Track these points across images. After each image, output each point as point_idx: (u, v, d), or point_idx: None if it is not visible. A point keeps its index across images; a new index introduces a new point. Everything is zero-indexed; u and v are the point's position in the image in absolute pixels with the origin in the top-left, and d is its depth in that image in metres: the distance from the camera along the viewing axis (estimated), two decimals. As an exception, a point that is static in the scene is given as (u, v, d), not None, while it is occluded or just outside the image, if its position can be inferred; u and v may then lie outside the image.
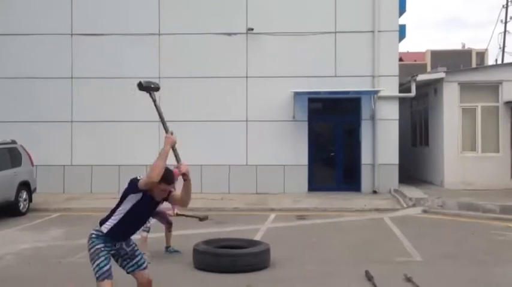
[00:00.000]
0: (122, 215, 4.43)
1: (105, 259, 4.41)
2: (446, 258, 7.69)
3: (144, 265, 4.62)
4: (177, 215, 7.87)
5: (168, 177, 4.38)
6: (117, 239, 4.49)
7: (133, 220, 4.48)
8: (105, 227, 4.45)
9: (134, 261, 4.58)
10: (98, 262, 4.40)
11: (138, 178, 4.43)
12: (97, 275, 4.39)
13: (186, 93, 14.94)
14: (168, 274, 6.67)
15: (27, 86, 15.20)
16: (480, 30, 70.02)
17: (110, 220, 4.46)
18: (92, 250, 4.45)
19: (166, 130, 4.66)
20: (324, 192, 14.49)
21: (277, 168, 14.85)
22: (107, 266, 4.39)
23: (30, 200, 12.29)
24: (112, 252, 4.51)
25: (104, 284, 4.37)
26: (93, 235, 4.48)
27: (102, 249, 4.44)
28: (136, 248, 4.66)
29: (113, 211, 4.50)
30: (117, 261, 4.58)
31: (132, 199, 4.41)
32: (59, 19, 15.26)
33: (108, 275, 4.38)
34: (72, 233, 9.50)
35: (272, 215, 11.60)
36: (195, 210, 12.14)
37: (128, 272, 4.63)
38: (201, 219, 8.18)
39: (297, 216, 11.58)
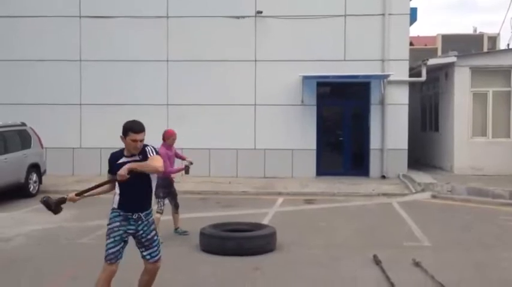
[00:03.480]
0: (119, 186, 4.51)
1: (114, 241, 4.45)
2: (454, 243, 7.68)
3: (157, 258, 4.64)
4: (191, 164, 7.79)
5: (133, 126, 4.45)
6: (130, 210, 4.49)
7: (131, 189, 4.45)
8: (114, 202, 4.55)
9: (149, 251, 4.61)
10: (107, 242, 4.48)
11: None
12: (105, 255, 4.47)
13: (194, 77, 14.90)
14: (175, 256, 6.71)
15: (36, 69, 15.22)
16: (492, 14, 69.01)
17: (115, 196, 4.57)
18: (108, 227, 4.54)
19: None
20: (332, 177, 14.47)
21: (285, 152, 14.83)
22: (114, 249, 4.43)
23: (40, 182, 12.39)
24: (130, 231, 4.52)
25: (106, 266, 4.45)
26: (111, 211, 4.58)
27: (116, 229, 4.48)
28: (155, 238, 4.65)
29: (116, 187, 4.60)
30: (136, 242, 4.61)
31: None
32: (67, 1, 15.21)
33: (112, 258, 4.42)
34: (82, 215, 9.58)
35: (280, 199, 11.62)
36: (202, 193, 12.25)
37: (143, 258, 4.67)
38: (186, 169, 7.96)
39: (305, 200, 11.59)
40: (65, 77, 15.22)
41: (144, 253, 4.62)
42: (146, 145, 4.56)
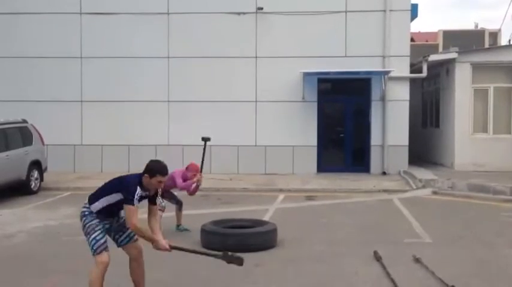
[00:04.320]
0: (110, 203, 4.60)
1: (101, 232, 4.61)
2: (455, 239, 7.69)
3: (136, 237, 4.77)
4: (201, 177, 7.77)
5: (163, 170, 4.57)
6: (107, 217, 4.68)
7: (121, 207, 4.62)
8: (95, 207, 4.63)
9: (126, 234, 4.74)
10: (94, 235, 4.59)
11: (136, 193, 4.47)
12: (94, 248, 4.57)
13: (195, 73, 14.89)
14: (175, 253, 6.71)
15: (37, 66, 15.22)
16: (493, 10, 68.80)
17: (99, 201, 4.63)
18: (87, 225, 4.63)
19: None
20: (333, 173, 14.48)
21: (286, 149, 14.84)
22: (103, 239, 4.60)
23: (42, 179, 12.41)
24: (106, 226, 4.67)
25: (102, 256, 4.55)
26: (86, 212, 4.67)
27: (97, 223, 4.63)
28: (123, 223, 4.75)
29: (103, 193, 4.63)
30: (110, 235, 4.73)
31: (117, 198, 4.57)
32: (68, -2, 15.21)
33: (105, 247, 4.59)
34: (82, 212, 9.60)
35: (281, 196, 11.63)
36: (203, 190, 12.22)
37: (119, 246, 4.78)
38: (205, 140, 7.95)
39: (306, 197, 11.60)
40: (66, 74, 15.22)
41: (122, 238, 4.75)
42: None
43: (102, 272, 4.53)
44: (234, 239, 6.90)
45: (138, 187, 4.50)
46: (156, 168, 4.56)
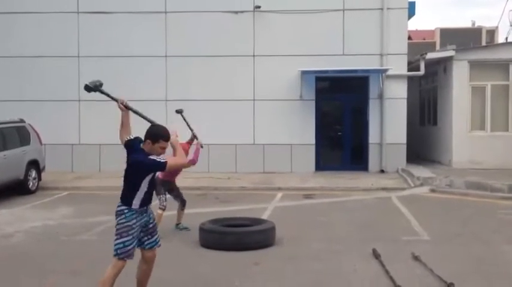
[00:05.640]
0: (145, 190, 4.51)
1: (133, 238, 4.47)
2: (453, 237, 7.70)
3: (159, 243, 4.77)
4: (201, 147, 8.05)
5: (165, 134, 4.52)
6: (146, 204, 4.59)
7: (153, 185, 4.62)
8: (135, 205, 4.50)
9: (154, 238, 4.70)
10: (124, 239, 4.45)
11: (157, 158, 4.41)
12: (118, 252, 4.45)
13: (193, 72, 14.88)
14: (174, 252, 6.74)
15: (35, 65, 15.18)
16: (490, 7, 68.91)
17: (135, 199, 4.50)
18: (123, 225, 4.47)
19: (152, 122, 4.72)
20: (331, 171, 14.49)
21: (284, 147, 14.84)
22: (131, 246, 4.46)
23: (40, 178, 12.39)
24: (143, 223, 4.57)
25: (120, 263, 4.46)
26: (126, 210, 4.49)
27: (134, 227, 4.48)
28: (156, 226, 4.77)
29: (135, 190, 4.49)
30: (143, 232, 4.63)
31: (150, 177, 4.52)
32: (65, -3, 15.18)
33: (129, 255, 4.48)
34: (81, 212, 9.60)
35: (279, 194, 11.63)
36: (201, 189, 12.26)
37: (143, 247, 4.70)
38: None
39: (304, 195, 11.61)
40: (64, 73, 15.18)
41: (151, 241, 4.68)
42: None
43: (117, 273, 4.48)
44: (233, 238, 6.91)
45: (151, 157, 4.39)
46: (158, 132, 4.41)
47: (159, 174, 7.70)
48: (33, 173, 12.09)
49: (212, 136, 14.71)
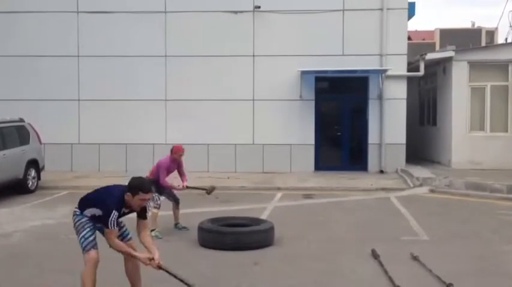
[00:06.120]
0: (95, 215, 4.63)
1: (90, 230, 4.63)
2: (453, 237, 7.71)
3: (129, 236, 4.79)
4: (187, 187, 7.95)
5: (144, 186, 4.49)
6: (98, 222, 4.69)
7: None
8: (86, 215, 4.67)
9: (120, 232, 4.71)
10: (83, 233, 4.60)
11: (113, 215, 4.43)
12: (83, 246, 4.57)
13: (193, 72, 14.88)
14: (173, 251, 6.74)
15: (34, 65, 15.17)
16: (490, 8, 68.97)
17: (86, 211, 4.66)
18: (78, 224, 4.66)
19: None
20: (330, 171, 14.49)
21: (283, 147, 14.84)
22: (92, 237, 4.61)
23: (39, 178, 12.38)
24: (98, 225, 4.66)
25: (91, 253, 4.54)
26: (77, 212, 4.70)
27: (87, 221, 4.65)
28: (121, 219, 4.72)
29: (87, 204, 4.67)
30: (103, 234, 4.67)
31: (101, 213, 4.59)
32: (64, -3, 15.18)
33: (94, 244, 4.60)
34: (80, 211, 9.58)
35: (279, 194, 11.64)
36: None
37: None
38: (209, 192, 8.28)
39: (304, 195, 11.61)
40: (63, 73, 15.18)
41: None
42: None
43: (92, 269, 4.52)
44: (232, 238, 6.91)
45: (115, 210, 4.42)
46: (136, 185, 4.46)
47: (148, 174, 7.73)
48: (33, 173, 12.08)
49: (212, 136, 14.75)
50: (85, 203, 4.71)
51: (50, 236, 7.78)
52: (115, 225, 4.46)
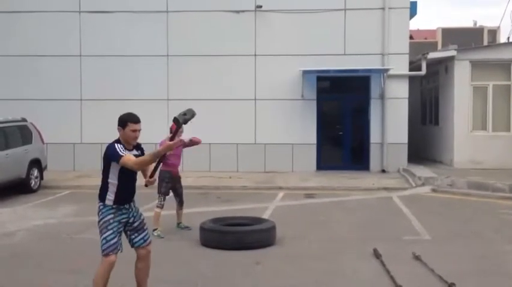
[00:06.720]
0: (116, 184, 4.54)
1: (113, 232, 4.50)
2: (455, 237, 7.70)
3: (149, 241, 4.77)
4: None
5: (132, 117, 4.52)
6: (124, 202, 4.60)
7: (128, 180, 4.59)
8: (109, 200, 4.55)
9: (141, 236, 4.70)
10: (105, 235, 4.50)
11: (117, 149, 4.43)
12: (103, 248, 4.49)
13: (194, 72, 14.89)
14: (175, 251, 6.76)
15: (36, 64, 15.21)
16: (492, 7, 68.81)
17: (108, 193, 4.56)
18: (101, 222, 4.55)
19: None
20: (332, 171, 14.49)
21: (285, 147, 14.84)
22: (114, 240, 4.48)
23: (41, 177, 12.41)
24: (123, 220, 4.58)
25: (110, 257, 4.47)
26: (101, 206, 4.59)
27: (111, 221, 4.53)
28: (145, 222, 4.77)
29: (106, 183, 4.59)
30: (126, 233, 4.66)
31: (116, 169, 4.53)
32: (66, -4, 15.20)
33: (114, 249, 4.48)
34: (83, 210, 9.61)
35: (280, 194, 11.64)
36: (203, 188, 12.27)
37: (133, 246, 4.73)
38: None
39: (305, 194, 11.62)
40: (65, 72, 15.21)
41: (137, 239, 4.69)
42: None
43: (106, 270, 4.49)
44: (233, 237, 6.92)
45: (115, 144, 4.46)
46: (124, 117, 4.53)
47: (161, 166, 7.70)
48: (35, 172, 12.11)
49: (213, 135, 14.74)
50: (104, 183, 4.59)
51: (52, 236, 7.80)
52: (122, 150, 4.40)
